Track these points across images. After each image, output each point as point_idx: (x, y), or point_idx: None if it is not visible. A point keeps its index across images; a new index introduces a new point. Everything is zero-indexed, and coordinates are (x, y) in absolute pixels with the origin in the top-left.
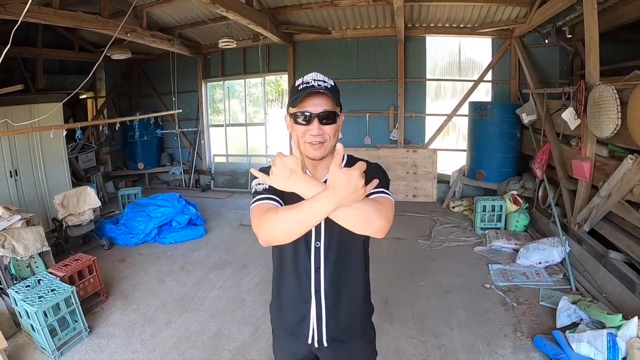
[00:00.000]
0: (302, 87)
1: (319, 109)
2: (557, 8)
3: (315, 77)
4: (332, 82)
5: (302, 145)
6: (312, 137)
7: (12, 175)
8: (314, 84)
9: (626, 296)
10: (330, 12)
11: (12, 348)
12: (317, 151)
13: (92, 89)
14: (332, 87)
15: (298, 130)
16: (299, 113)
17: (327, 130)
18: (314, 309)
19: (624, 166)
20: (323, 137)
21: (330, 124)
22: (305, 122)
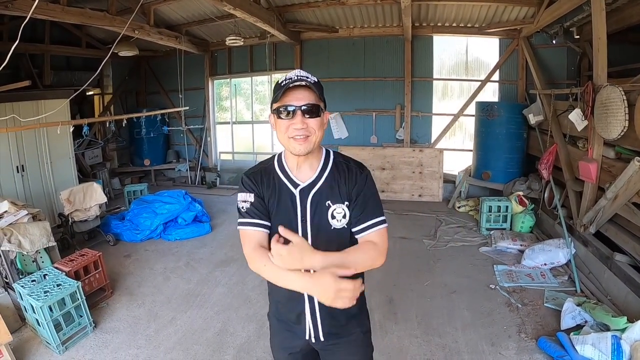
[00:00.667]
0: (285, 82)
1: (301, 102)
2: (565, 9)
3: (298, 73)
4: (315, 78)
5: (285, 141)
6: (296, 130)
7: (19, 171)
8: (296, 79)
9: (631, 299)
10: (337, 11)
11: (17, 342)
12: (302, 145)
13: (99, 86)
14: (315, 82)
15: (282, 126)
16: (281, 107)
17: (311, 123)
18: (307, 305)
19: (631, 168)
20: (307, 130)
21: (314, 118)
22: (289, 116)
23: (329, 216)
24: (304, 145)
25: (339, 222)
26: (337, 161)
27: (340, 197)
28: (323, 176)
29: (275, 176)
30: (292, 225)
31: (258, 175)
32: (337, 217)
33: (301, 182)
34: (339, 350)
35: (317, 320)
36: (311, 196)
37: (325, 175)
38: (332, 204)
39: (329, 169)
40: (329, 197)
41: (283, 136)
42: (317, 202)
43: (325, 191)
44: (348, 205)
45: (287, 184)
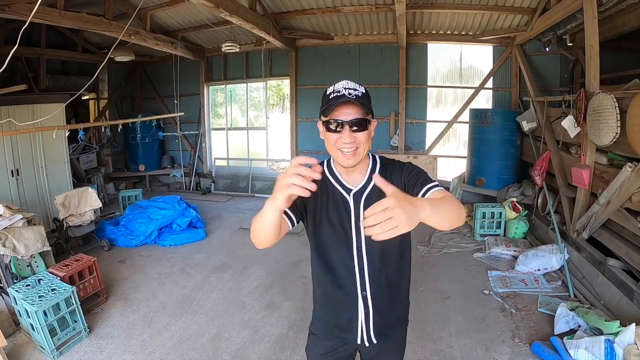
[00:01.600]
0: (333, 95)
1: (349, 117)
2: (558, 17)
3: (346, 86)
4: (362, 89)
5: (334, 152)
6: (345, 144)
7: (13, 175)
8: (345, 93)
9: (624, 303)
10: (332, 18)
11: (11, 347)
12: (350, 160)
13: (94, 90)
14: (362, 94)
15: (330, 138)
16: (331, 121)
17: (359, 137)
18: (361, 307)
19: (623, 174)
20: (356, 143)
21: (362, 131)
22: (337, 130)
23: None
24: (352, 159)
25: None
26: (383, 163)
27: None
28: (372, 181)
29: (326, 180)
30: (345, 229)
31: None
32: None
33: (353, 187)
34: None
35: (370, 322)
36: (364, 199)
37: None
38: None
39: (377, 171)
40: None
41: (332, 147)
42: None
43: (377, 194)
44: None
45: (340, 189)
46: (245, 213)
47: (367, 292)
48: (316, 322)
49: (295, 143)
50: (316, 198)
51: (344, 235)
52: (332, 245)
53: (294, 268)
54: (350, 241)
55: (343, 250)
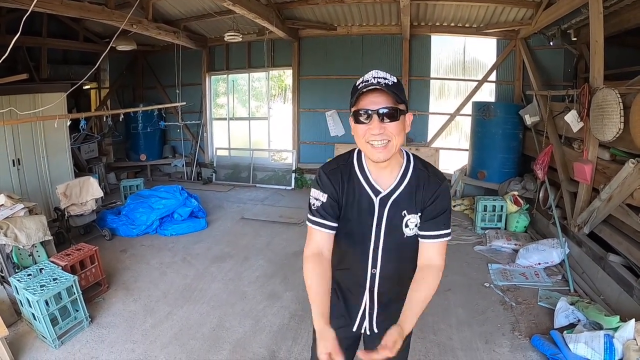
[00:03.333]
0: (361, 85)
1: (378, 106)
2: (563, 11)
3: (375, 75)
4: (394, 78)
5: (363, 146)
6: (374, 136)
7: (14, 164)
8: (373, 81)
9: (624, 299)
10: (336, 8)
11: (12, 336)
12: (381, 153)
13: (96, 80)
14: (393, 83)
15: (359, 130)
16: (359, 111)
17: (389, 128)
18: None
19: (625, 170)
20: (385, 134)
21: (393, 122)
22: (366, 121)
23: (403, 225)
24: (383, 153)
25: (411, 231)
26: (417, 168)
27: (416, 207)
28: (403, 184)
29: (355, 178)
30: (366, 230)
31: (338, 174)
32: (410, 226)
33: (382, 190)
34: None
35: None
36: (389, 204)
37: (405, 183)
38: (408, 213)
39: (408, 176)
40: (406, 206)
41: (361, 141)
42: (395, 211)
43: (403, 200)
44: (420, 215)
45: (368, 190)
46: (246, 203)
47: (375, 288)
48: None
49: (297, 134)
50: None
51: (363, 235)
52: (350, 241)
53: (296, 258)
54: (368, 241)
55: (359, 248)
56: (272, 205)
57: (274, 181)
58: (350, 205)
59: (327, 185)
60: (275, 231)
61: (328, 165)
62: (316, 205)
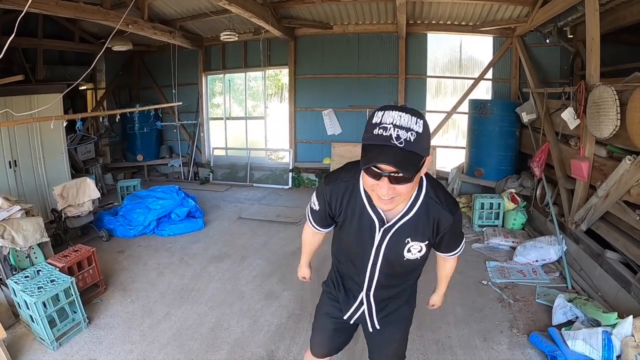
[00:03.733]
0: (378, 132)
1: (390, 168)
2: (559, 8)
3: (398, 122)
4: (418, 127)
5: (370, 192)
6: (382, 193)
7: (11, 166)
8: (392, 134)
9: (622, 296)
10: (332, 7)
11: (11, 338)
12: (385, 205)
13: (92, 81)
14: (416, 138)
15: (367, 180)
16: (368, 167)
17: (400, 189)
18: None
19: (622, 167)
20: (395, 193)
21: (404, 183)
22: (374, 177)
23: (405, 250)
24: (387, 205)
25: (413, 255)
26: (428, 197)
27: (422, 236)
28: (410, 213)
29: (359, 199)
30: (366, 248)
31: (341, 191)
32: (412, 252)
33: (387, 219)
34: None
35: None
36: (392, 232)
37: (413, 213)
38: (412, 241)
39: (418, 205)
40: (410, 234)
41: (368, 188)
42: (397, 238)
43: (409, 228)
44: (428, 243)
45: (372, 216)
46: (243, 203)
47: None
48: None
49: (294, 133)
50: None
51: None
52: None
53: (293, 258)
54: (367, 258)
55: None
56: (270, 204)
57: (271, 180)
58: (350, 222)
59: (323, 201)
60: (273, 230)
61: (333, 177)
62: (312, 210)
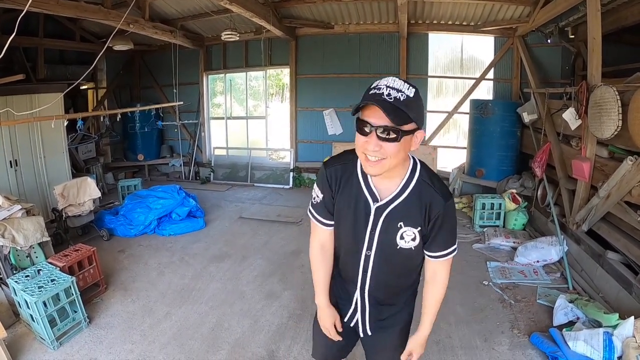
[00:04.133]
0: (372, 92)
1: (378, 122)
2: (561, 8)
3: (390, 84)
4: (410, 92)
5: (360, 155)
6: (370, 151)
7: (12, 165)
8: (384, 92)
9: (623, 296)
10: (333, 7)
11: (11, 338)
12: (372, 168)
13: (93, 80)
14: (405, 99)
15: (358, 139)
16: (361, 120)
17: (386, 147)
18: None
19: (624, 167)
20: (381, 152)
21: (391, 142)
22: (364, 133)
23: (398, 236)
24: (375, 168)
25: (406, 243)
26: (422, 180)
27: (415, 221)
28: (403, 195)
29: (355, 179)
30: (359, 235)
31: (339, 171)
32: (405, 239)
33: (380, 198)
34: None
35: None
36: (385, 214)
37: (406, 195)
38: (404, 226)
39: (411, 187)
40: (403, 218)
41: (358, 149)
42: (390, 220)
43: (401, 212)
44: (421, 230)
45: (367, 195)
46: (244, 202)
47: (365, 290)
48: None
49: (295, 132)
50: (345, 197)
51: (356, 237)
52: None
53: (294, 257)
54: (361, 245)
55: (352, 249)
56: (270, 204)
57: (272, 180)
58: (346, 206)
59: (324, 183)
60: (274, 230)
61: (332, 160)
62: (316, 201)
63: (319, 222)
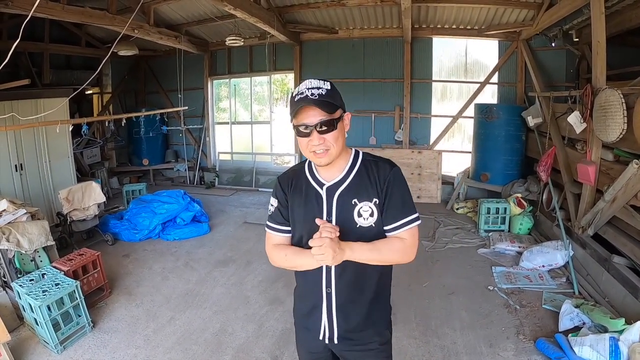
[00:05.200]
0: (298, 98)
1: (315, 120)
2: (565, 12)
3: (309, 85)
4: (327, 85)
5: (308, 154)
6: (315, 146)
7: (17, 170)
8: (307, 94)
9: (629, 301)
10: (337, 12)
11: (15, 341)
12: (323, 159)
13: (98, 85)
14: (327, 92)
15: (302, 142)
16: (297, 126)
17: (328, 138)
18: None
19: (629, 171)
20: (325, 144)
21: (330, 132)
22: (305, 134)
23: (355, 214)
24: (324, 158)
25: (366, 220)
26: (365, 159)
27: (368, 195)
28: (350, 175)
29: (303, 178)
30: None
31: (289, 179)
32: (363, 215)
33: (327, 182)
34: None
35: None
36: (337, 195)
37: (353, 175)
38: (359, 202)
39: (356, 168)
40: (356, 195)
41: (305, 150)
42: (343, 200)
43: (352, 189)
44: (377, 202)
45: (314, 184)
46: (249, 207)
47: (332, 289)
48: (294, 312)
49: None
50: (297, 196)
51: (313, 231)
52: (305, 240)
53: None
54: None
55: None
56: None
57: None
58: (298, 202)
59: (277, 190)
60: None
61: (283, 173)
62: (271, 211)
63: (273, 231)
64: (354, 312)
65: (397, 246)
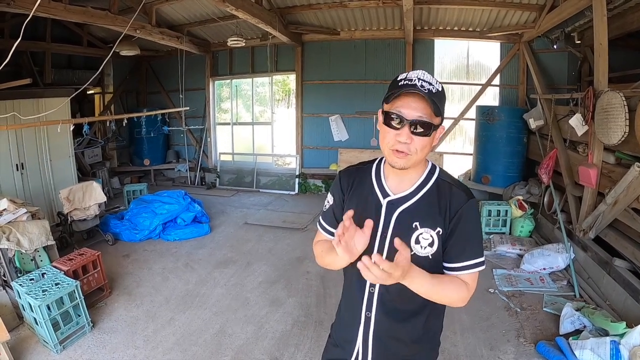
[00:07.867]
0: (403, 83)
1: (414, 114)
2: (567, 14)
3: (421, 76)
4: (439, 86)
5: (386, 150)
6: (399, 144)
7: (18, 169)
8: (417, 83)
9: (630, 304)
10: (339, 13)
11: (14, 341)
12: (401, 160)
13: (99, 85)
14: (437, 92)
15: (386, 133)
16: (391, 113)
17: (417, 141)
18: (362, 330)
19: (631, 174)
20: (411, 147)
21: (423, 136)
22: (397, 126)
23: (413, 240)
24: (403, 161)
25: (423, 249)
26: (440, 180)
27: (433, 221)
28: (419, 193)
29: (367, 181)
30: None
31: (353, 175)
32: (421, 243)
33: (392, 194)
34: None
35: (368, 347)
36: (398, 212)
37: (422, 193)
38: (420, 227)
39: (428, 186)
40: (419, 218)
41: (385, 144)
42: (404, 220)
43: (417, 211)
44: (440, 233)
45: (377, 192)
46: (249, 208)
47: (371, 314)
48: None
49: (301, 138)
50: (356, 199)
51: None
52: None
53: (298, 264)
54: (371, 250)
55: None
56: (276, 210)
57: (278, 186)
58: (356, 207)
59: (336, 186)
60: (279, 236)
61: (348, 166)
62: (326, 208)
63: (322, 229)
64: (393, 348)
65: (462, 289)
